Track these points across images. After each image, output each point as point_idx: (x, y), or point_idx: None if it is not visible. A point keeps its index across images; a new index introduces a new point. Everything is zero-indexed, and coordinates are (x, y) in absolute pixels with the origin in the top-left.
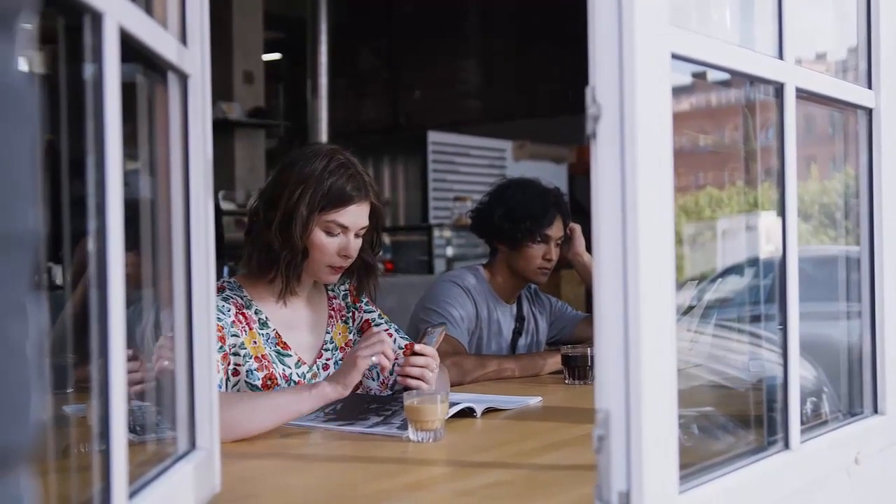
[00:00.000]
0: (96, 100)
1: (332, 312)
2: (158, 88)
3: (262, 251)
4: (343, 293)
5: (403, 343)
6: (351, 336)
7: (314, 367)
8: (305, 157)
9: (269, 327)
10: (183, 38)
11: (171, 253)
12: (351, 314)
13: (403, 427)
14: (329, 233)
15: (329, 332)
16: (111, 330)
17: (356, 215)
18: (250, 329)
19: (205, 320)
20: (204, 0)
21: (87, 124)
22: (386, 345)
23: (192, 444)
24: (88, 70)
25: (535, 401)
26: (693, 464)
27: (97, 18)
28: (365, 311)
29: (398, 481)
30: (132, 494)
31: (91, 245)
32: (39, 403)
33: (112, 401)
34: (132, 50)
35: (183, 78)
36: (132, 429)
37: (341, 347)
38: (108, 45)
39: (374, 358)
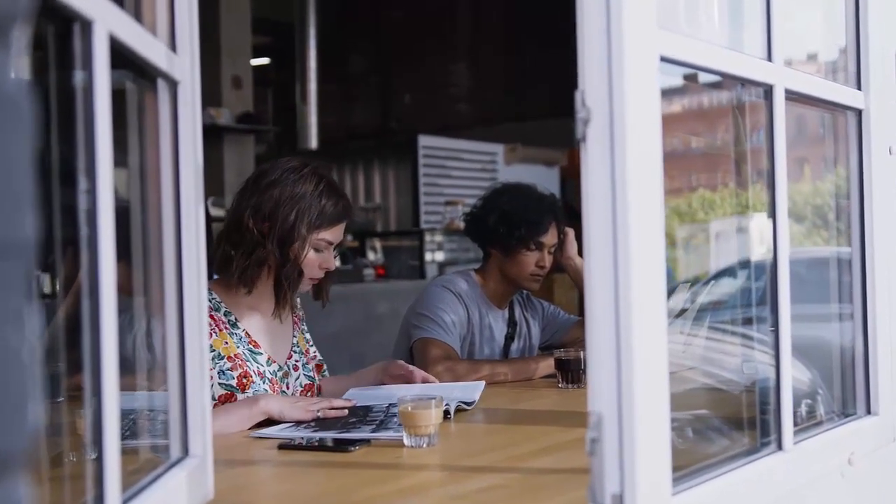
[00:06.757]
0: (86, 107)
1: (296, 320)
2: (148, 95)
3: (255, 265)
4: (298, 304)
5: (305, 381)
6: (308, 345)
7: (285, 367)
8: (291, 175)
9: (239, 328)
10: (172, 45)
11: (162, 260)
12: (305, 325)
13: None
14: (317, 249)
15: (295, 337)
16: (103, 338)
17: (341, 232)
18: (220, 331)
19: (196, 327)
20: (193, 7)
21: (76, 131)
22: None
23: (185, 452)
24: (78, 77)
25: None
26: (686, 465)
27: (87, 26)
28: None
29: (393, 486)
30: (125, 502)
31: (83, 253)
32: (36, 409)
33: (105, 409)
34: (121, 56)
35: (173, 85)
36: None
37: (304, 352)
38: (97, 53)
39: (320, 413)
